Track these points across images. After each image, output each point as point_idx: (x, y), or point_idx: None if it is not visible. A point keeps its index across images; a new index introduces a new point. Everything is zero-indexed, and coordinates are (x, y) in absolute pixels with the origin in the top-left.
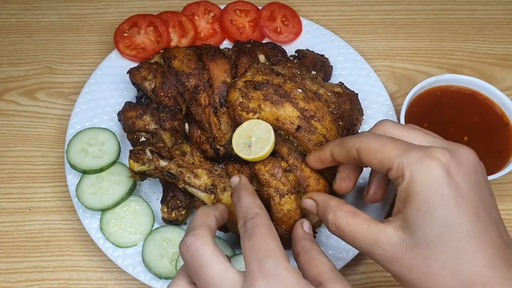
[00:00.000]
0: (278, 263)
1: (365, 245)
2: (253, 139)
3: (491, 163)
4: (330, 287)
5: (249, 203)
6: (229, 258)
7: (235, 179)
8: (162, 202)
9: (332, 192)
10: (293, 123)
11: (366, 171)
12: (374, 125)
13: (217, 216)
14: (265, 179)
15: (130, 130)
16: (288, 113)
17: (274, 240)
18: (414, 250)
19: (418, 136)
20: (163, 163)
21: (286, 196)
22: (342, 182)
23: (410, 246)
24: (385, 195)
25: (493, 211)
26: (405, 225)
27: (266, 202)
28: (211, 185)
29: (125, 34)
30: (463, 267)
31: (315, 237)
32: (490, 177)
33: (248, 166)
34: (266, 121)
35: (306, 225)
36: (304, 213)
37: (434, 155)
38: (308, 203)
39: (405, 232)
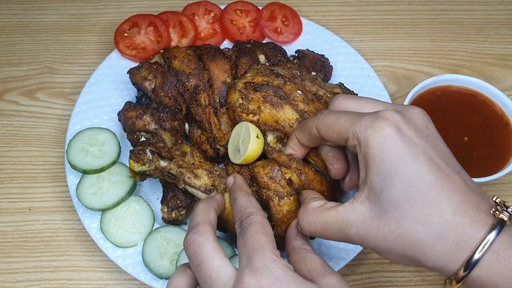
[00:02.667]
0: (266, 257)
1: (339, 232)
2: (240, 142)
3: (491, 163)
4: (321, 282)
5: (244, 203)
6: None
7: (230, 180)
8: (162, 202)
9: (334, 191)
10: (292, 126)
11: None
12: (330, 101)
13: (216, 208)
14: (264, 181)
15: (130, 130)
16: (288, 115)
17: (266, 236)
18: (383, 216)
19: (369, 105)
20: (163, 163)
21: (285, 197)
22: (334, 165)
23: (379, 214)
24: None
25: (451, 159)
26: (371, 194)
27: (265, 203)
28: (211, 185)
29: (125, 34)
30: (433, 218)
31: (315, 237)
32: (490, 177)
33: (247, 168)
34: (266, 123)
35: None
36: None
37: (383, 117)
38: (301, 199)
39: (371, 201)
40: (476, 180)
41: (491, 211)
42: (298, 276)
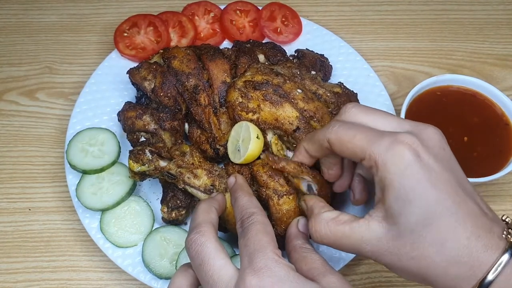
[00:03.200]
0: (268, 257)
1: (353, 247)
2: (240, 142)
3: (491, 163)
4: (322, 281)
5: (245, 203)
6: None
7: (231, 180)
8: (162, 202)
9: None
10: (292, 124)
11: None
12: (341, 110)
13: (217, 209)
14: (263, 180)
15: (130, 130)
16: (288, 113)
17: (267, 236)
18: (400, 239)
19: (383, 120)
20: (162, 163)
21: (284, 196)
22: (329, 170)
23: (395, 236)
24: (369, 196)
25: (466, 184)
26: (388, 215)
27: (265, 202)
28: (211, 185)
29: (125, 34)
30: (448, 243)
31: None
32: (490, 177)
33: (247, 167)
34: (265, 121)
35: (302, 223)
36: (302, 212)
37: (402, 141)
38: (302, 206)
39: (388, 222)
40: (476, 180)
41: (503, 235)
42: (300, 275)
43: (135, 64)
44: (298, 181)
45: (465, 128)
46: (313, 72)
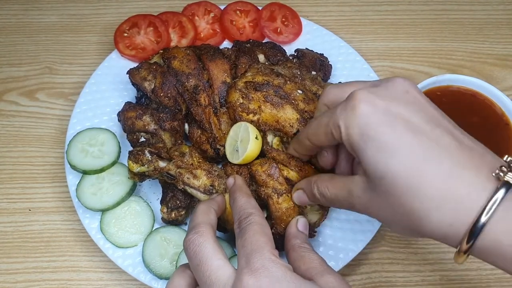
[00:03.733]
0: (265, 257)
1: (345, 201)
2: (238, 142)
3: None
4: (320, 280)
5: (244, 204)
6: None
7: (230, 181)
8: (161, 202)
9: None
10: (292, 126)
11: None
12: (321, 95)
13: (216, 210)
14: (262, 179)
15: (130, 131)
16: (288, 115)
17: (264, 236)
18: (375, 189)
19: (352, 88)
20: (162, 164)
21: (284, 194)
22: (321, 158)
23: (372, 187)
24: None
25: (442, 120)
26: (364, 168)
27: (265, 202)
28: (210, 185)
29: (125, 34)
30: (421, 188)
31: (314, 236)
32: None
33: (246, 167)
34: (266, 123)
35: (301, 222)
36: (302, 211)
37: (354, 98)
38: (297, 195)
39: (366, 175)
40: None
41: (494, 173)
42: (297, 275)
43: (135, 65)
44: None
45: (465, 128)
46: (313, 73)
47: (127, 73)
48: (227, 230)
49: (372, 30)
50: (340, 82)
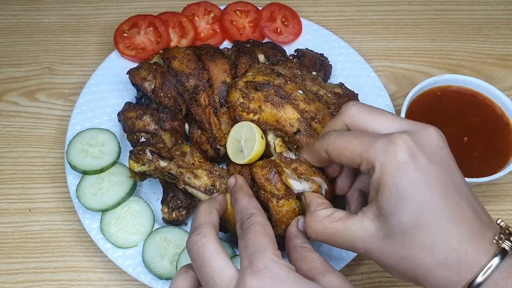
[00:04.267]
0: (267, 258)
1: (347, 243)
2: (242, 143)
3: (491, 163)
4: (322, 280)
5: (245, 204)
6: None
7: (231, 181)
8: (162, 202)
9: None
10: (292, 126)
11: None
12: (342, 109)
13: (218, 210)
14: (261, 183)
15: (130, 131)
16: (289, 115)
17: (266, 237)
18: (390, 238)
19: (384, 120)
20: (163, 163)
21: (282, 199)
22: (329, 168)
23: (386, 235)
24: (351, 187)
25: (463, 187)
26: (380, 214)
27: (265, 204)
28: (211, 185)
29: (125, 35)
30: (438, 246)
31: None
32: (490, 177)
33: (248, 168)
34: (266, 122)
35: (301, 222)
36: (302, 213)
37: (397, 142)
38: (302, 201)
39: (380, 221)
40: (476, 180)
41: (495, 240)
42: (300, 276)
43: (135, 65)
44: (289, 183)
45: (465, 128)
46: (314, 73)
47: (127, 73)
48: (227, 230)
49: (372, 30)
50: (342, 84)
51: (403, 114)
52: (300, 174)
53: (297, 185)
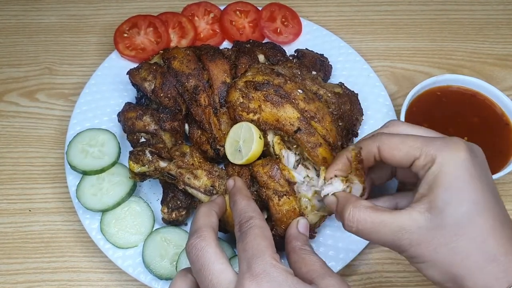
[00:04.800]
0: (266, 262)
1: (389, 234)
2: (240, 143)
3: (491, 163)
4: (321, 283)
5: (244, 207)
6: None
7: (230, 183)
8: (162, 202)
9: None
10: (293, 125)
11: None
12: (384, 125)
13: (217, 212)
14: (263, 180)
15: (130, 131)
16: (289, 114)
17: (265, 240)
18: (442, 228)
19: (425, 132)
20: (163, 164)
21: (284, 196)
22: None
23: (438, 225)
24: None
25: (497, 193)
26: (432, 206)
27: (265, 203)
28: (211, 186)
29: (125, 35)
30: (489, 240)
31: (314, 237)
32: None
33: (247, 168)
34: (266, 122)
35: (301, 224)
36: (302, 213)
37: (458, 142)
38: (330, 200)
39: (432, 213)
40: None
41: None
42: (298, 280)
43: (135, 65)
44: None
45: (465, 128)
46: (313, 73)
47: (127, 74)
48: (227, 231)
49: (372, 30)
50: (342, 84)
51: (403, 114)
52: (339, 173)
53: (299, 177)
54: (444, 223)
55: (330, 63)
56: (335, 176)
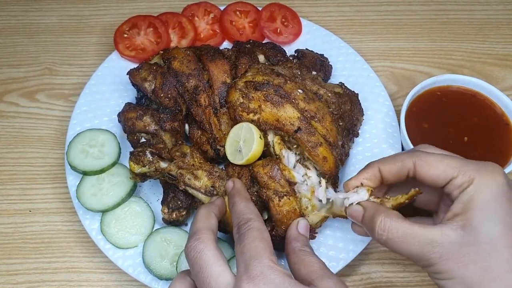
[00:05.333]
0: (263, 264)
1: (419, 246)
2: (241, 143)
3: None
4: (319, 285)
5: (242, 209)
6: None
7: (229, 185)
8: (162, 203)
9: None
10: (293, 125)
11: None
12: (416, 146)
13: (216, 213)
14: (264, 181)
15: (130, 131)
16: (289, 114)
17: (263, 242)
18: (475, 246)
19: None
20: (163, 164)
21: (285, 197)
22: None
23: (471, 243)
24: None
25: None
26: (466, 224)
27: (266, 204)
28: (211, 186)
29: (125, 35)
30: None
31: (315, 237)
32: None
33: (248, 169)
34: (266, 122)
35: (301, 225)
36: (302, 214)
37: (496, 166)
38: (355, 209)
39: (465, 230)
40: None
41: None
42: (296, 282)
43: (135, 65)
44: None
45: (465, 128)
46: (313, 73)
47: (127, 74)
48: (228, 232)
49: (372, 30)
50: (342, 84)
51: (403, 114)
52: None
53: (299, 177)
54: (478, 241)
55: (330, 63)
56: (361, 184)
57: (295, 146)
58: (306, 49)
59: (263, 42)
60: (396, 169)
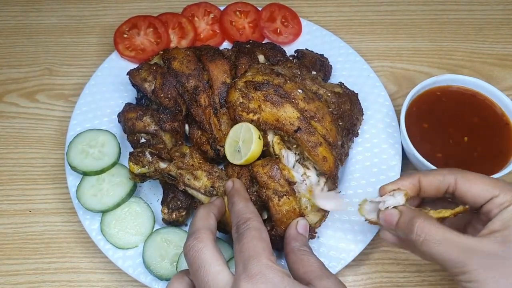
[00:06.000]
0: (262, 263)
1: (456, 252)
2: (240, 143)
3: (491, 163)
4: (318, 284)
5: (241, 209)
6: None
7: (229, 184)
8: (162, 203)
9: None
10: (293, 124)
11: None
12: (447, 168)
13: (216, 214)
14: (263, 181)
15: (130, 131)
16: (288, 114)
17: (262, 242)
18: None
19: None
20: (163, 165)
21: (284, 197)
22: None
23: (509, 257)
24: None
25: None
26: (506, 240)
27: (265, 203)
28: (211, 187)
29: (125, 36)
30: None
31: (315, 237)
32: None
33: (247, 169)
34: (266, 122)
35: (301, 224)
36: (302, 213)
37: None
38: (391, 212)
39: (504, 246)
40: None
41: None
42: (295, 281)
43: (135, 66)
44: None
45: (465, 128)
46: (313, 73)
47: (127, 74)
48: (227, 232)
49: (372, 30)
50: (342, 83)
51: (403, 114)
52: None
53: (298, 176)
54: None
55: (330, 63)
56: (399, 189)
57: (294, 146)
58: (306, 49)
59: (263, 42)
60: (437, 183)
